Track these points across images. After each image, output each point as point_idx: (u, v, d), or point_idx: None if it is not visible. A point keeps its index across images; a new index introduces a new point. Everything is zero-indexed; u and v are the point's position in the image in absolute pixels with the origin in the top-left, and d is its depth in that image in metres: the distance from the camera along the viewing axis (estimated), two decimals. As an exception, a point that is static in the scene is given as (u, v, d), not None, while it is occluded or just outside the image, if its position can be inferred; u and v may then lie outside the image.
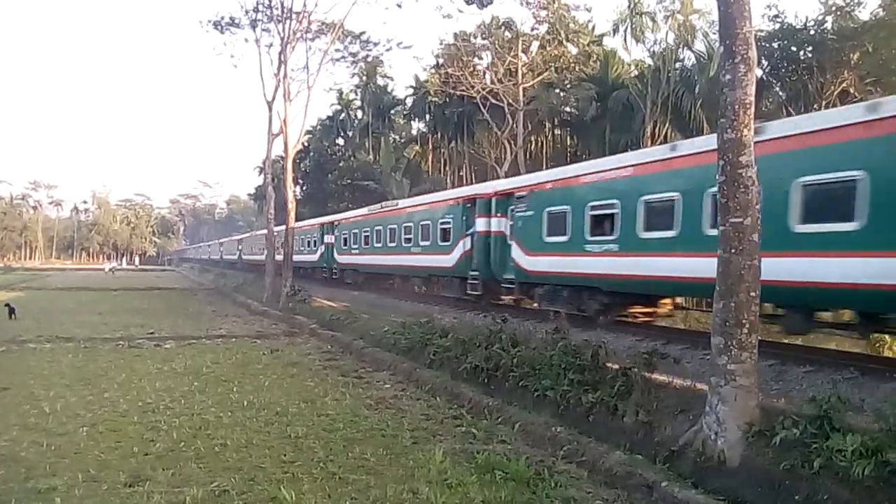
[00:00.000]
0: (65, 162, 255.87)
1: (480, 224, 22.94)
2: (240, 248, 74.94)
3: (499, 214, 22.12)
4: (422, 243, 27.55)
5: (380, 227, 32.83)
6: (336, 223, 40.61)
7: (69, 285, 48.75)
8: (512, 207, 21.08)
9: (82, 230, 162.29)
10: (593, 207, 17.08)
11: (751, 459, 7.09)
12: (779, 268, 10.23)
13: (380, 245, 32.74)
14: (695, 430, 7.80)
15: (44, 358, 15.58)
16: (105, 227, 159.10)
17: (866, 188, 10.54)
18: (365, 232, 34.99)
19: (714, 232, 9.21)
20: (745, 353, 7.50)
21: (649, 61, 42.40)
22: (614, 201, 16.31)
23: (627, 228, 15.74)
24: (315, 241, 43.71)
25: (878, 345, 13.84)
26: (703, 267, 10.87)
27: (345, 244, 38.58)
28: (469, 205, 24.05)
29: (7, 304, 24.55)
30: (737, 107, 7.73)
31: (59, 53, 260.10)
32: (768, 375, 10.43)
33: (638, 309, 17.82)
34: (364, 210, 36.71)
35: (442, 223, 25.88)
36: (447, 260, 25.12)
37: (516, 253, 20.48)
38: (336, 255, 39.78)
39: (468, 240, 23.80)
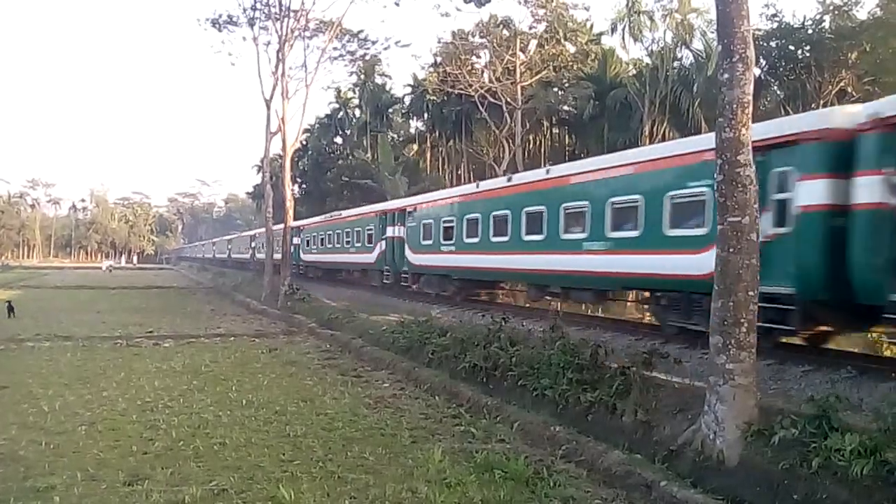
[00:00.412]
0: (63, 160, 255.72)
1: (389, 231, 29.97)
2: (229, 247, 76.94)
3: (399, 224, 29.03)
4: (356, 245, 35.15)
5: (330, 232, 40.13)
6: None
7: (67, 284, 48.73)
8: (405, 220, 28.18)
9: (80, 229, 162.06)
10: (445, 221, 24.59)
11: (749, 459, 7.09)
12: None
13: (330, 246, 40.08)
14: (693, 430, 7.81)
15: (42, 357, 15.58)
16: (103, 225, 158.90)
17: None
18: (324, 235, 41.65)
19: (529, 238, 18.91)
20: (743, 353, 7.51)
21: (647, 60, 42.42)
22: (452, 217, 23.96)
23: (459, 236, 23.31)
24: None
25: (876, 344, 13.85)
26: (516, 262, 19.61)
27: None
28: (384, 216, 31.03)
29: (8, 302, 24.55)
30: (735, 106, 7.73)
31: (58, 51, 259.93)
32: (766, 375, 10.44)
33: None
34: (326, 216, 42.91)
35: (368, 230, 33.11)
36: (370, 257, 32.71)
37: (408, 252, 27.89)
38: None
39: (383, 243, 30.74)
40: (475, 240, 22.11)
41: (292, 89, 34.02)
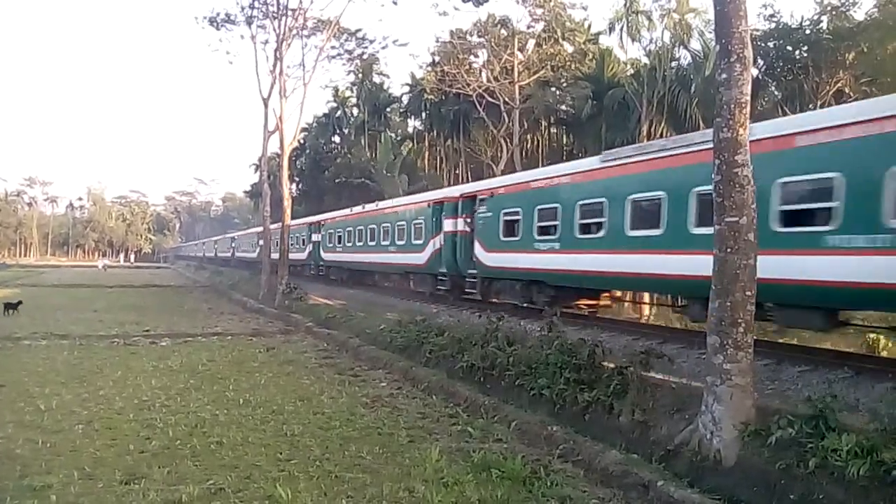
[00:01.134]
0: (60, 158, 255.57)
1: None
2: (232, 245, 75.44)
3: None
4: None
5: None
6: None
7: (64, 282, 48.66)
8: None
9: (77, 227, 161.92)
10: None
11: (746, 459, 7.11)
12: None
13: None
14: (690, 430, 7.82)
15: (39, 355, 15.55)
16: (100, 223, 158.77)
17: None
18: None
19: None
20: (740, 353, 7.52)
21: (645, 60, 42.46)
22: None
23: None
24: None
25: (872, 344, 13.88)
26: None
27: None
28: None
29: (19, 302, 24.81)
30: (732, 106, 7.75)
31: (55, 50, 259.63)
32: (764, 375, 10.45)
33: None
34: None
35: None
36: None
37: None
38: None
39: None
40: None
41: (290, 88, 34.02)
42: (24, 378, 12.61)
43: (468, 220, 22.93)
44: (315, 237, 41.84)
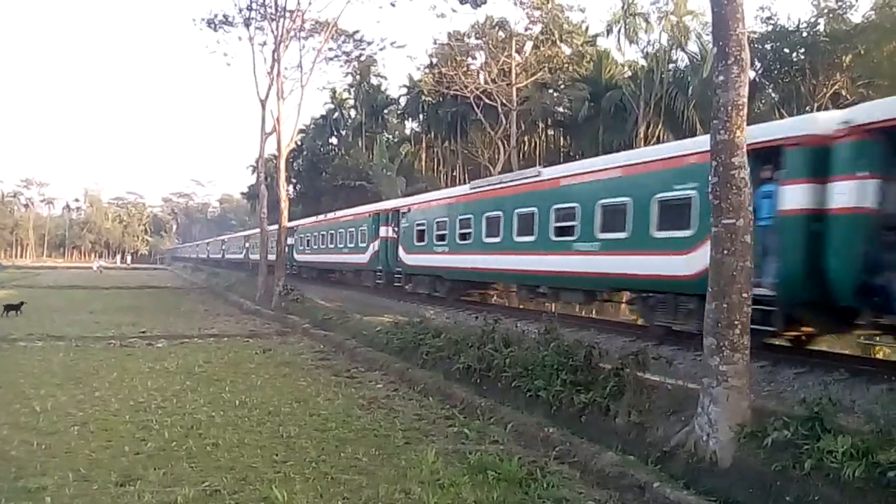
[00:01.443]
0: (57, 160, 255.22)
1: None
2: (223, 247, 76.31)
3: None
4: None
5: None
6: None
7: (60, 283, 48.54)
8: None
9: (74, 228, 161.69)
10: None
11: (742, 460, 7.11)
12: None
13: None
14: (687, 431, 7.82)
15: (34, 356, 15.51)
16: (97, 225, 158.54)
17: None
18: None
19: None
20: (737, 355, 7.53)
21: (643, 62, 42.49)
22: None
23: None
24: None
25: (868, 347, 13.89)
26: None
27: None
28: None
29: (21, 303, 24.86)
30: (730, 108, 7.76)
31: (52, 51, 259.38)
32: (760, 377, 10.47)
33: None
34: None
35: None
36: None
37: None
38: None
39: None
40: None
41: (287, 89, 34.01)
42: (19, 379, 12.58)
43: (395, 228, 28.94)
44: (289, 241, 43.36)
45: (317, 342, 19.18)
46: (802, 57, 33.26)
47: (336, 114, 67.30)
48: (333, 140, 69.12)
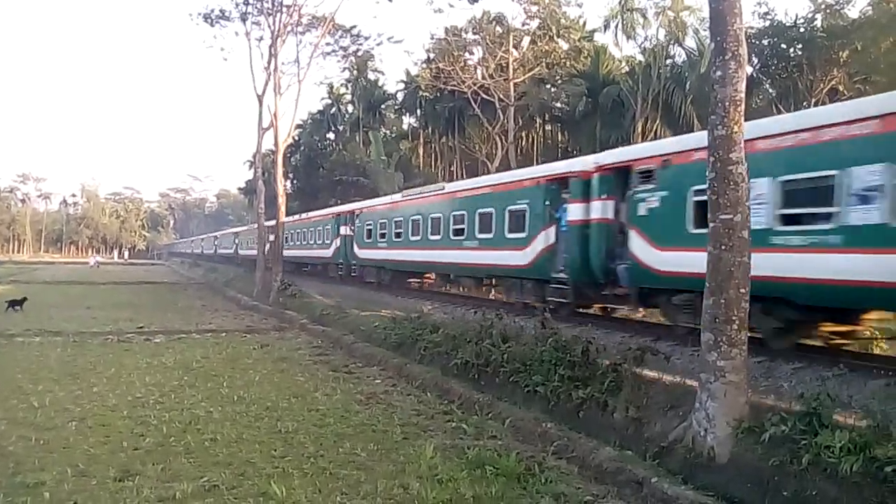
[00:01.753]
0: (54, 155, 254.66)
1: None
2: (216, 243, 77.12)
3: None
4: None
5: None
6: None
7: (58, 279, 48.47)
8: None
9: (71, 224, 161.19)
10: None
11: (740, 455, 7.13)
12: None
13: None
14: (684, 427, 7.84)
15: (32, 352, 15.51)
16: (94, 220, 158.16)
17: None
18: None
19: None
20: (734, 350, 7.54)
21: (640, 58, 42.47)
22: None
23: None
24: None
25: (867, 342, 13.89)
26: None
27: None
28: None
29: (24, 299, 24.91)
30: (727, 103, 7.76)
31: (48, 45, 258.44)
32: (757, 372, 10.48)
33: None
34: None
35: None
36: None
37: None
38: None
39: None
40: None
41: (284, 84, 33.97)
42: (17, 375, 12.58)
43: (352, 227, 33.48)
44: (270, 237, 44.63)
45: (315, 337, 19.17)
46: (800, 53, 33.27)
47: (333, 109, 67.11)
48: (331, 135, 68.96)
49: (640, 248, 14.62)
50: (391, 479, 7.19)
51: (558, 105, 47.93)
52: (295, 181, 67.81)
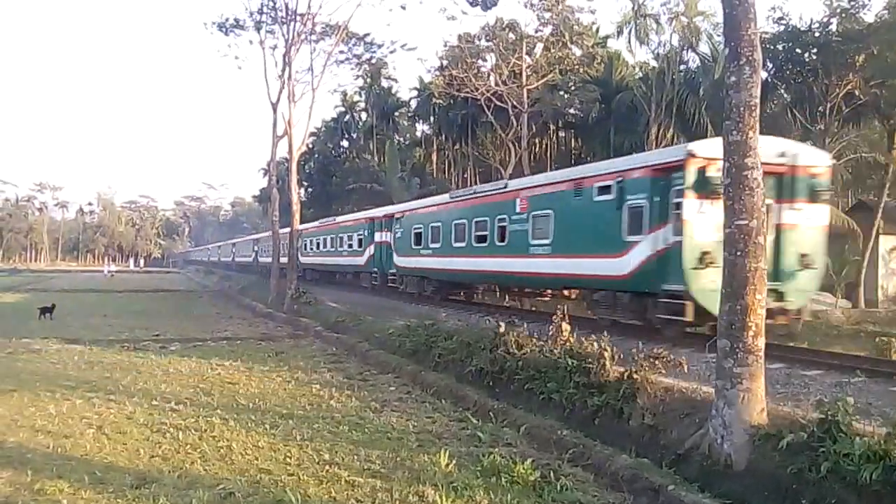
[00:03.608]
0: (70, 164, 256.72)
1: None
2: (233, 250, 76.99)
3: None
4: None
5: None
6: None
7: (74, 287, 48.82)
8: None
9: (87, 232, 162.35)
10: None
11: (757, 463, 7.07)
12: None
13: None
14: (701, 434, 7.79)
15: (49, 360, 15.64)
16: (110, 228, 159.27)
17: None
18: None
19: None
20: (751, 357, 7.48)
21: (654, 63, 42.32)
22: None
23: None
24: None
25: (885, 348, 13.77)
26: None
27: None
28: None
29: (53, 306, 25.16)
30: (742, 109, 7.73)
31: (64, 55, 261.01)
32: (775, 378, 10.38)
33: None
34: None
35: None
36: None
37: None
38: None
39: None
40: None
41: (299, 93, 34.09)
42: (35, 383, 12.67)
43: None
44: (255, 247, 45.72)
45: (329, 345, 19.21)
46: (815, 57, 33.02)
47: (347, 116, 67.35)
48: (345, 143, 69.22)
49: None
50: (407, 487, 7.18)
51: (572, 111, 47.83)
52: (309, 189, 68.08)
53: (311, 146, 60.62)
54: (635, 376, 9.46)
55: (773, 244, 13.68)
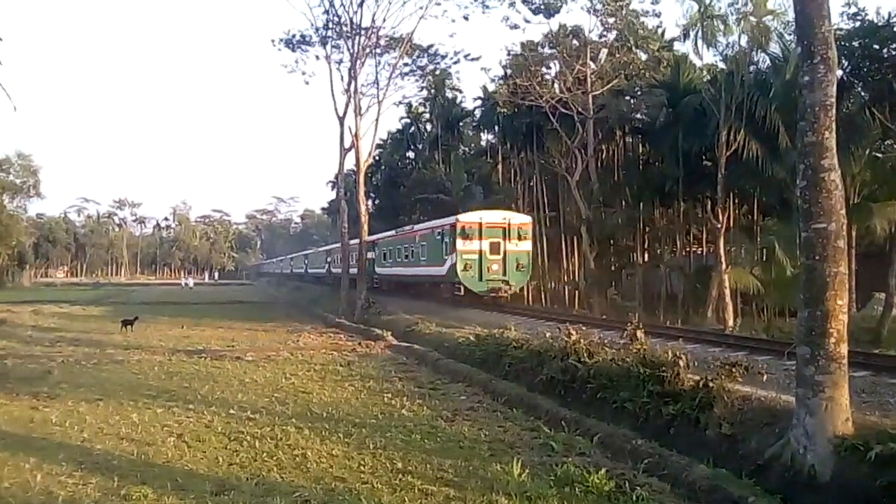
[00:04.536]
0: (147, 181, 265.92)
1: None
2: (305, 262, 78.05)
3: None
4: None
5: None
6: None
7: (153, 299, 50.46)
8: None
9: (164, 246, 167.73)
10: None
11: (843, 475, 6.83)
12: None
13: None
14: (782, 444, 7.56)
15: (131, 370, 16.20)
16: (185, 243, 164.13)
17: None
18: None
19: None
20: (833, 364, 7.25)
21: (722, 65, 41.42)
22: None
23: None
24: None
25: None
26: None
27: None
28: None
29: (136, 318, 26.13)
30: (817, 109, 7.52)
31: (141, 76, 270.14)
32: (860, 387, 10.02)
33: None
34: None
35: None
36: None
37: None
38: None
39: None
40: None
41: (364, 106, 34.65)
42: (119, 392, 13.14)
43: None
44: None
45: (399, 354, 19.35)
46: (893, 53, 31.86)
47: (412, 128, 67.84)
48: (410, 154, 69.70)
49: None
50: (480, 496, 7.17)
51: (638, 116, 47.14)
52: (376, 200, 68.77)
53: (377, 158, 61.26)
54: (711, 384, 9.25)
55: (503, 259, 31.88)
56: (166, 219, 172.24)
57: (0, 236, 76.07)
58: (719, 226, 32.94)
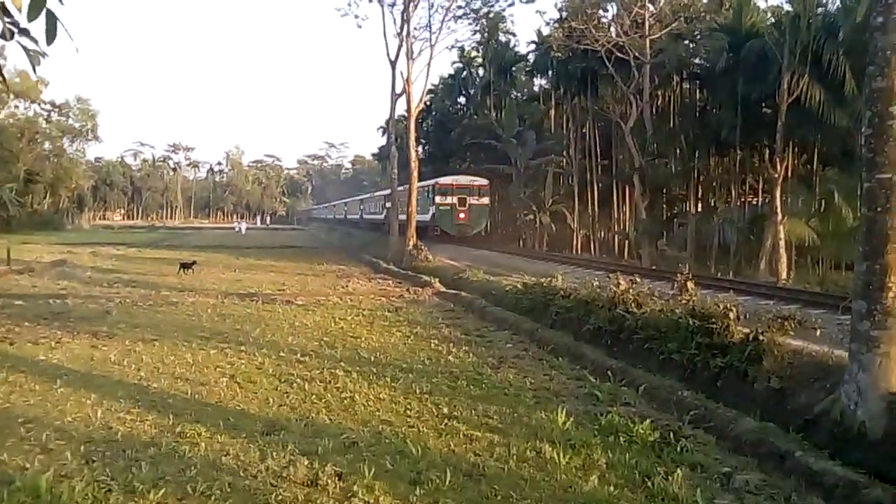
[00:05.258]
0: (201, 126, 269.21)
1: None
2: (361, 207, 78.36)
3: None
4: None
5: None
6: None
7: (206, 243, 51.45)
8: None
9: (217, 191, 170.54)
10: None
11: (894, 432, 6.68)
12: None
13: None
14: (832, 399, 7.43)
15: (185, 312, 16.62)
16: (238, 187, 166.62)
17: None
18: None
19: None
20: (890, 319, 7.03)
21: (788, 7, 39.81)
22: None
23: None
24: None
25: None
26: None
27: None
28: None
29: (194, 262, 26.87)
30: (889, 52, 7.16)
31: (196, 24, 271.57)
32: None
33: None
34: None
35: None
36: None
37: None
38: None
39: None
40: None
41: (417, 50, 34.32)
42: (174, 333, 13.52)
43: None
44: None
45: (446, 301, 19.47)
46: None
47: (464, 73, 67.04)
48: (462, 99, 69.05)
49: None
50: (524, 443, 7.23)
51: (697, 62, 45.76)
52: (427, 146, 68.53)
53: (428, 104, 60.87)
54: (761, 338, 9.10)
55: (468, 209, 46.65)
56: (219, 163, 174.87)
57: (60, 179, 78.32)
58: (776, 175, 31.97)
